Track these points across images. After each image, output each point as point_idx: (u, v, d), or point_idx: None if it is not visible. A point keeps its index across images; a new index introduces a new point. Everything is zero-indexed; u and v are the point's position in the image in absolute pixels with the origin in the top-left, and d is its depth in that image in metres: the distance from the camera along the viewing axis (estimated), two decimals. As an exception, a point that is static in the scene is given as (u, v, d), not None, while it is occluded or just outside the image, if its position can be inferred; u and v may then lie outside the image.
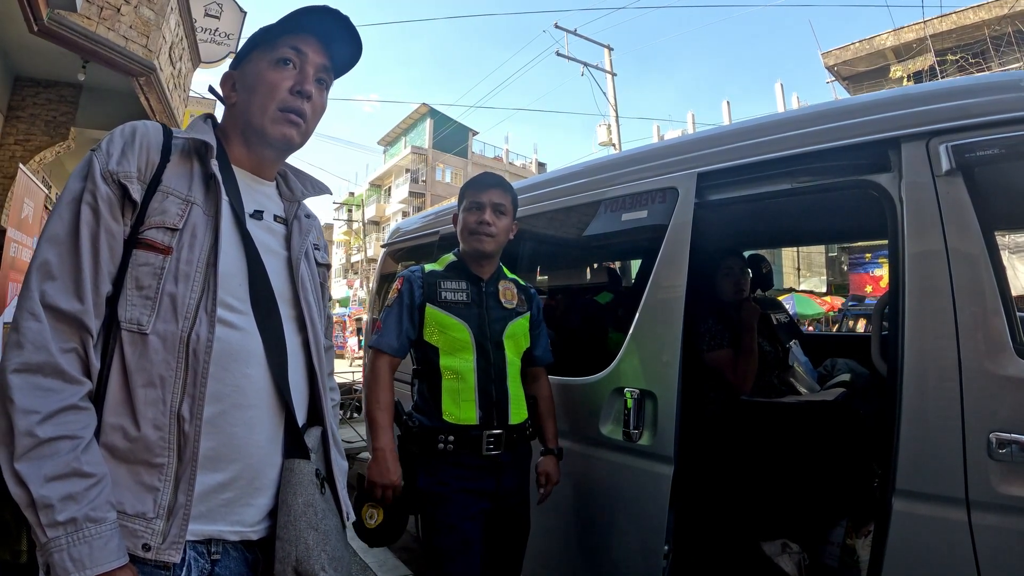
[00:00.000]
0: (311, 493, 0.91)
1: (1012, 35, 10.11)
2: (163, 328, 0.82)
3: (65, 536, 0.71)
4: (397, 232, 3.79)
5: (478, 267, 1.78)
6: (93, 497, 0.74)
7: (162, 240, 0.84)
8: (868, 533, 1.88)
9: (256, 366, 0.89)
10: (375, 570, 2.96)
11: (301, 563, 0.87)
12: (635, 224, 2.02)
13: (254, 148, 1.01)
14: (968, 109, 1.34)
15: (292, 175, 1.12)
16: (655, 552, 1.69)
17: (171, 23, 6.26)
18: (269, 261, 0.96)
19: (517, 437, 1.71)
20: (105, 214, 0.83)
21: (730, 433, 2.17)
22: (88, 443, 0.76)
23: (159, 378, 0.81)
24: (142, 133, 0.89)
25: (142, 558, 0.77)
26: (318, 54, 1.00)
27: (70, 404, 0.75)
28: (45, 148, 6.17)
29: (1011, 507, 1.16)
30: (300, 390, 0.98)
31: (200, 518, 0.82)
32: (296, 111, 0.98)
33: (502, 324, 1.75)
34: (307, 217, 1.10)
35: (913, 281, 1.35)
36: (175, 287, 0.83)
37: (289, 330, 0.96)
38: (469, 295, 1.74)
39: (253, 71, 0.98)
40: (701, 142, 1.93)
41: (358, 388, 5.95)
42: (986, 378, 1.22)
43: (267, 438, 0.90)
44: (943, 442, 1.25)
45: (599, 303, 2.58)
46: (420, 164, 33.20)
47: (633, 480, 1.79)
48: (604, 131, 14.23)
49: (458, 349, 1.68)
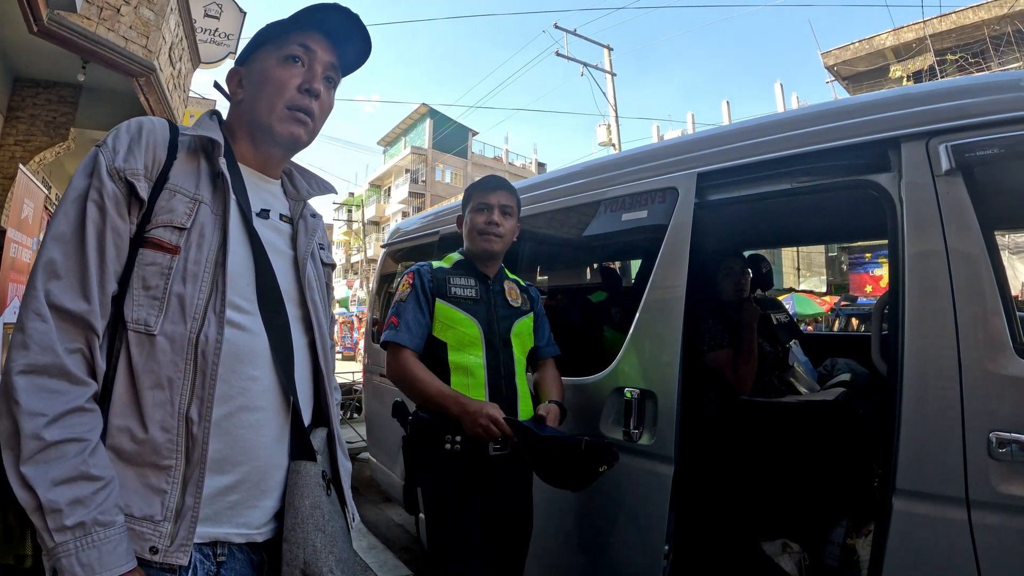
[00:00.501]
0: (318, 495, 0.90)
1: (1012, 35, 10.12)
2: (171, 329, 0.81)
3: (74, 541, 0.70)
4: (397, 232, 3.79)
5: (484, 266, 1.80)
6: (101, 501, 0.73)
7: (170, 239, 0.83)
8: (868, 533, 1.89)
9: (263, 367, 0.88)
10: (375, 570, 2.96)
11: (309, 565, 0.86)
12: (635, 224, 2.02)
13: (261, 146, 1.00)
14: (968, 109, 1.35)
15: (297, 174, 1.11)
16: (655, 552, 1.69)
17: (171, 23, 6.26)
18: (276, 261, 0.95)
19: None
20: (111, 212, 0.81)
21: (730, 433, 2.17)
22: (95, 446, 0.75)
23: (167, 380, 0.80)
24: (148, 129, 0.87)
25: (149, 561, 0.77)
26: (327, 52, 0.99)
27: (77, 406, 0.74)
28: (45, 149, 6.16)
29: (1011, 506, 1.16)
30: (306, 391, 0.97)
31: (206, 520, 0.82)
32: (304, 109, 0.97)
33: (509, 322, 1.75)
34: (312, 216, 1.09)
35: (913, 281, 1.35)
36: (183, 287, 0.82)
37: (296, 331, 0.95)
38: (478, 291, 1.74)
39: (261, 68, 0.97)
40: (701, 142, 1.93)
41: (358, 388, 5.95)
42: (986, 378, 1.22)
43: (273, 440, 0.89)
44: (943, 442, 1.25)
45: (592, 302, 2.59)
46: (420, 164, 33.19)
47: (633, 480, 1.79)
48: (604, 131, 14.23)
49: (467, 345, 1.67)
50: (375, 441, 3.68)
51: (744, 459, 2.14)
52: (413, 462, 1.65)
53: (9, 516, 0.75)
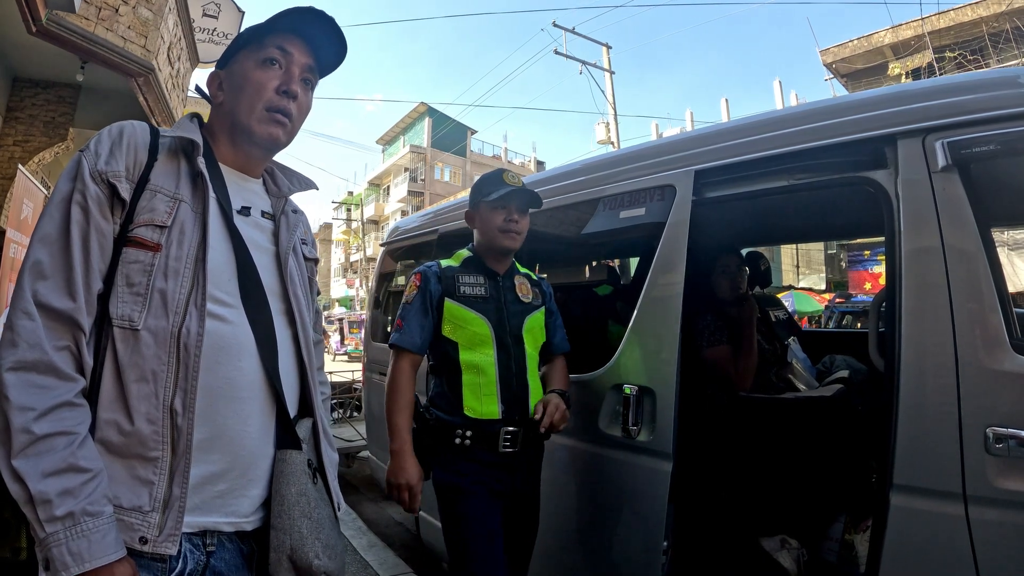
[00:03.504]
0: (304, 483, 0.92)
1: (1010, 32, 10.11)
2: (154, 324, 0.83)
3: (63, 531, 0.72)
4: (396, 231, 3.79)
5: (495, 262, 1.78)
6: (90, 491, 0.75)
7: (151, 237, 0.86)
8: (866, 528, 1.89)
9: (248, 359, 0.91)
10: (376, 568, 2.96)
11: (295, 551, 0.88)
12: (633, 221, 2.02)
13: (241, 147, 1.03)
14: (964, 106, 1.35)
15: (278, 171, 1.13)
16: (654, 548, 1.70)
17: (169, 23, 6.25)
18: (257, 256, 0.97)
19: (533, 436, 1.69)
20: (95, 213, 0.84)
21: (729, 429, 2.17)
22: (84, 438, 0.77)
23: (151, 373, 0.82)
24: (129, 133, 0.90)
25: (139, 551, 0.79)
26: (303, 54, 1.01)
27: (65, 401, 0.77)
28: (44, 149, 6.16)
29: (1008, 501, 1.16)
30: (291, 382, 0.99)
31: (195, 510, 0.84)
32: (282, 111, 0.99)
33: (520, 318, 1.75)
34: (294, 212, 1.11)
35: (910, 277, 1.36)
36: (165, 283, 0.85)
37: (279, 324, 0.97)
38: (487, 289, 1.74)
39: (239, 71, 0.99)
40: (698, 139, 1.93)
41: (357, 387, 5.95)
42: (983, 373, 1.22)
43: (259, 430, 0.92)
44: (940, 437, 1.25)
45: (598, 295, 2.59)
46: (419, 163, 33.18)
47: (632, 476, 1.80)
48: (603, 129, 14.22)
49: (477, 344, 1.67)
50: (375, 439, 3.68)
51: (742, 455, 2.15)
52: (422, 456, 1.64)
53: (5, 512, 0.78)
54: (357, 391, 5.96)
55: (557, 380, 1.82)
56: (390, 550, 3.25)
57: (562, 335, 1.91)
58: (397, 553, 3.22)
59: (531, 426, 1.66)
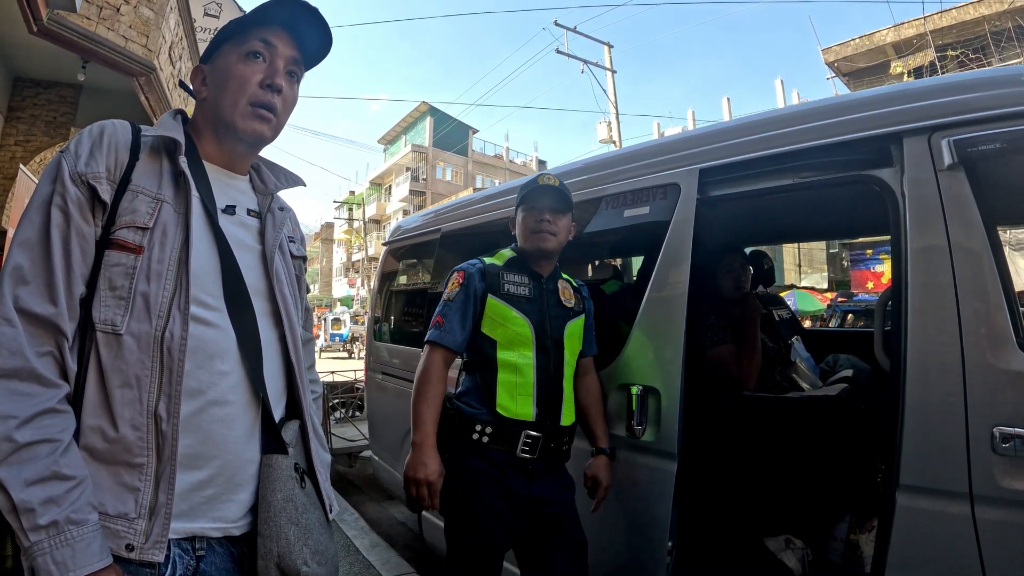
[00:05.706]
0: (290, 488, 0.91)
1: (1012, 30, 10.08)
2: (137, 328, 0.82)
3: (48, 540, 0.71)
4: (398, 230, 3.79)
5: (537, 264, 1.77)
6: (74, 499, 0.73)
7: (133, 239, 0.84)
8: (872, 528, 1.89)
9: (231, 362, 0.89)
10: (379, 568, 2.96)
11: (283, 558, 0.87)
12: (637, 220, 2.02)
13: (225, 143, 1.00)
14: (970, 104, 1.34)
15: (265, 168, 1.11)
16: (659, 548, 1.69)
17: (171, 23, 6.26)
18: (242, 256, 0.95)
19: (554, 446, 1.65)
20: (75, 216, 0.82)
21: (733, 429, 2.17)
22: (67, 446, 0.76)
23: (135, 378, 0.81)
24: (110, 133, 0.88)
25: (126, 558, 0.77)
26: (288, 47, 0.99)
27: (48, 408, 0.75)
28: (45, 148, 6.17)
29: (1015, 501, 1.16)
30: (277, 385, 0.98)
31: (182, 516, 0.83)
32: (266, 105, 0.97)
33: (562, 323, 1.72)
34: (281, 210, 1.08)
35: (916, 276, 1.35)
36: (147, 286, 0.83)
37: (265, 325, 0.95)
38: (531, 290, 1.72)
39: (223, 65, 0.97)
40: (703, 138, 1.93)
41: (359, 387, 5.94)
42: (989, 373, 1.22)
43: (244, 434, 0.90)
44: (946, 437, 1.25)
45: (604, 292, 2.58)
46: (420, 162, 33.20)
47: (637, 476, 1.79)
48: (604, 128, 14.20)
49: (517, 344, 1.65)
50: (377, 439, 3.68)
51: (747, 455, 2.14)
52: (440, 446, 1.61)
53: None
54: (359, 391, 5.95)
55: (597, 422, 1.79)
56: (393, 550, 3.24)
57: (592, 339, 1.89)
58: (400, 553, 3.22)
59: (556, 435, 1.64)
